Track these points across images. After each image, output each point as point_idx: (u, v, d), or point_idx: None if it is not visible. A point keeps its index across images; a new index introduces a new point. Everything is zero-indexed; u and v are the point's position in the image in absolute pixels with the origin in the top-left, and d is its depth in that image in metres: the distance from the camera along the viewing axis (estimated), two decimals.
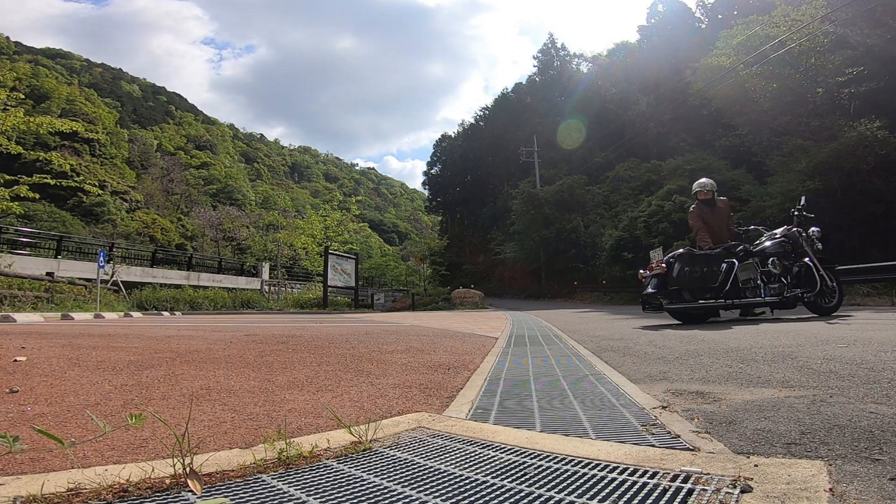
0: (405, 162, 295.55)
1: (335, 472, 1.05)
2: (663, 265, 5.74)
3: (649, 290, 5.76)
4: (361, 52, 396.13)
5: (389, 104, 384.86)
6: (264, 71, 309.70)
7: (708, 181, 6.77)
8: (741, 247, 5.92)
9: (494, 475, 1.01)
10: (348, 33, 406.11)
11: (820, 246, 5.88)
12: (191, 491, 0.91)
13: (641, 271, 6.12)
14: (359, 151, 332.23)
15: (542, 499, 0.89)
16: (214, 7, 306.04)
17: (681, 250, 5.97)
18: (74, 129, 18.03)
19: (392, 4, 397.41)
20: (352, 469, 1.07)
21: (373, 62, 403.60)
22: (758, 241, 6.16)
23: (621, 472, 1.01)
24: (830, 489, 0.87)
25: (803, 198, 6.37)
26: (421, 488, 0.95)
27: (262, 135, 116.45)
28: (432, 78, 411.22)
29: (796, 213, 6.12)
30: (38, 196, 17.67)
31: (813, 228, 5.90)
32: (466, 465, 1.08)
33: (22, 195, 15.70)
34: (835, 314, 5.74)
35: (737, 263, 5.71)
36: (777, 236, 5.99)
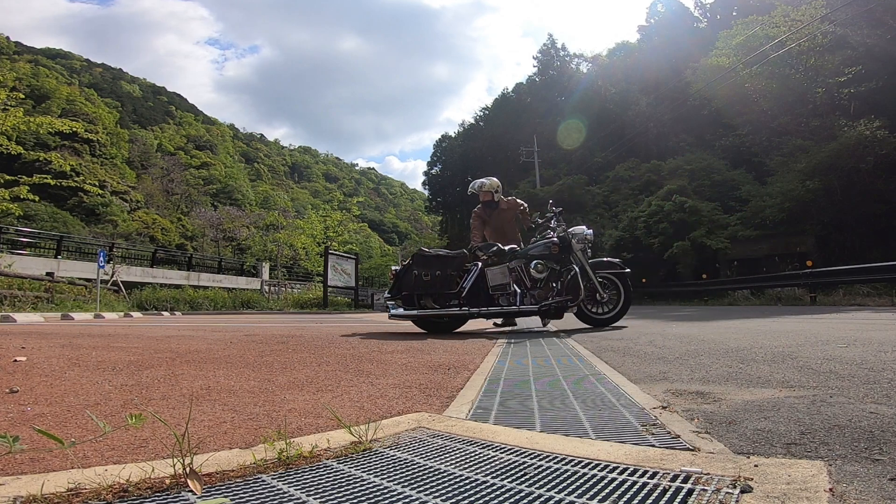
0: (407, 162, 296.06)
1: (335, 472, 1.05)
2: (395, 268, 5.34)
3: (386, 294, 5.29)
4: (366, 53, 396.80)
5: (393, 105, 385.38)
6: (268, 71, 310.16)
7: (487, 181, 6.18)
8: (495, 247, 5.28)
9: (494, 475, 1.01)
10: (353, 34, 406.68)
11: (589, 251, 5.32)
12: (191, 491, 0.91)
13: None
14: (361, 152, 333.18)
15: (542, 499, 0.89)
16: (220, 7, 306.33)
17: (417, 252, 5.35)
18: (74, 129, 18.01)
19: (397, 6, 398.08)
20: (352, 469, 1.07)
21: (377, 63, 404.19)
22: (530, 242, 5.53)
23: (621, 472, 1.01)
24: (830, 489, 0.87)
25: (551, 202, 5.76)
26: (421, 488, 0.95)
27: (262, 135, 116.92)
28: (436, 79, 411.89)
29: (551, 214, 5.58)
30: (37, 198, 17.70)
31: (587, 232, 5.35)
32: (466, 466, 1.08)
33: (22, 197, 15.71)
34: (613, 325, 5.24)
35: (479, 266, 5.12)
36: (550, 237, 5.34)
